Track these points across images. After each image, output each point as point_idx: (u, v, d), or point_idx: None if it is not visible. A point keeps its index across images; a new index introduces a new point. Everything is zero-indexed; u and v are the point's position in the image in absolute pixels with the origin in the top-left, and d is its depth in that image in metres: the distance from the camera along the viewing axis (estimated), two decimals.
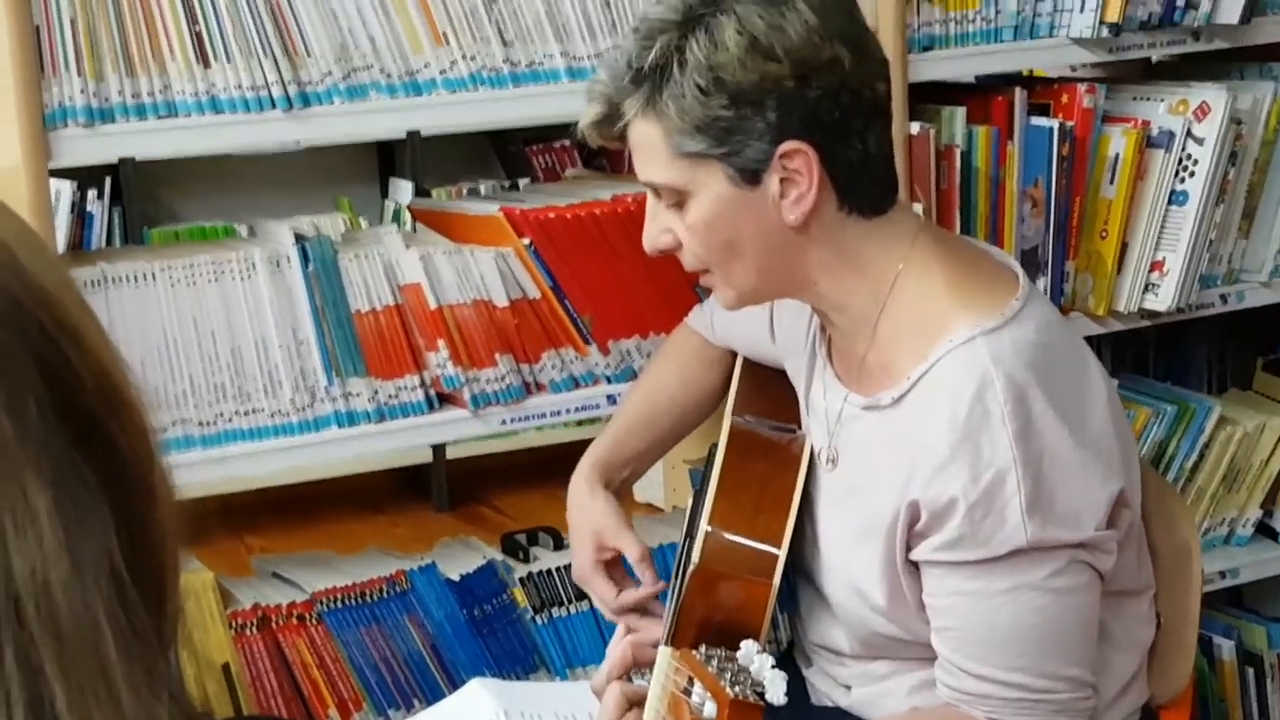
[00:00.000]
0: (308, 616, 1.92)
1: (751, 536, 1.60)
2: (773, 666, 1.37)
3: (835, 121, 1.49)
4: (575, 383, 1.99)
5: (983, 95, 2.25)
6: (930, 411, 1.51)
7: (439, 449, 3.92)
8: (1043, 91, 2.29)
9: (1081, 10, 2.23)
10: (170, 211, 3.85)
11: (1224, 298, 2.41)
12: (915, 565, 1.54)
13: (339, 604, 1.93)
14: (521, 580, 2.05)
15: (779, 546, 1.59)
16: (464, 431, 1.94)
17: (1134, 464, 1.61)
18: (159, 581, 0.74)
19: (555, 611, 2.06)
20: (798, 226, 1.52)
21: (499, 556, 2.07)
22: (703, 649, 1.45)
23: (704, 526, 1.62)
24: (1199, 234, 2.29)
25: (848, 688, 1.68)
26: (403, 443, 1.92)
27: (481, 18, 1.84)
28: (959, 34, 2.18)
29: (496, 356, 1.92)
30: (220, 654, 1.84)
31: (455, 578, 2.00)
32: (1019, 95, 2.22)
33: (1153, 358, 2.78)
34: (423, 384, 1.90)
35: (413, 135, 3.62)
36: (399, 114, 1.82)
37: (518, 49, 1.87)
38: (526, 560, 2.09)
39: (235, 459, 1.82)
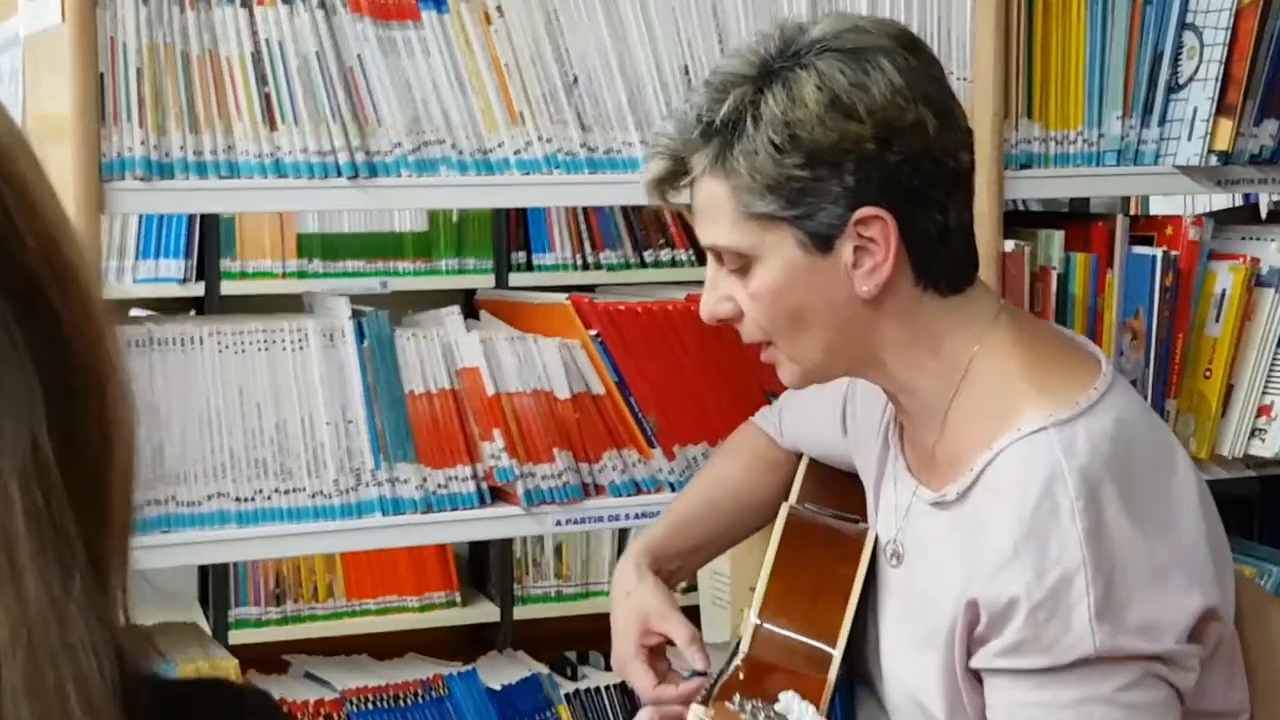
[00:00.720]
0: (335, 717, 1.79)
1: (805, 631, 1.46)
2: (815, 714, 1.21)
3: (916, 190, 1.39)
4: (637, 487, 1.87)
5: (1082, 222, 2.14)
6: (994, 505, 1.38)
7: (507, 608, 3.83)
8: (1146, 224, 2.17)
9: (1189, 138, 2.12)
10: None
11: None
12: (977, 676, 1.39)
13: (370, 705, 1.79)
14: (568, 697, 1.90)
15: (834, 643, 1.45)
16: (515, 529, 1.83)
17: (1228, 575, 1.45)
18: (101, 491, 0.67)
19: None
20: (870, 300, 1.41)
21: (545, 671, 1.93)
22: (737, 698, 1.31)
23: (753, 619, 1.48)
24: None
25: None
26: (450, 536, 1.83)
27: (561, 100, 1.77)
28: (1059, 154, 2.08)
29: (555, 452, 1.81)
30: None
31: (496, 687, 1.86)
32: (1120, 222, 2.11)
33: (1258, 522, 2.60)
34: (475, 476, 1.79)
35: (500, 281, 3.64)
36: (468, 191, 1.74)
37: (596, 134, 1.79)
38: (575, 678, 1.95)
39: (272, 539, 1.71)
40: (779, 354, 1.46)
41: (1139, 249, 2.12)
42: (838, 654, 1.45)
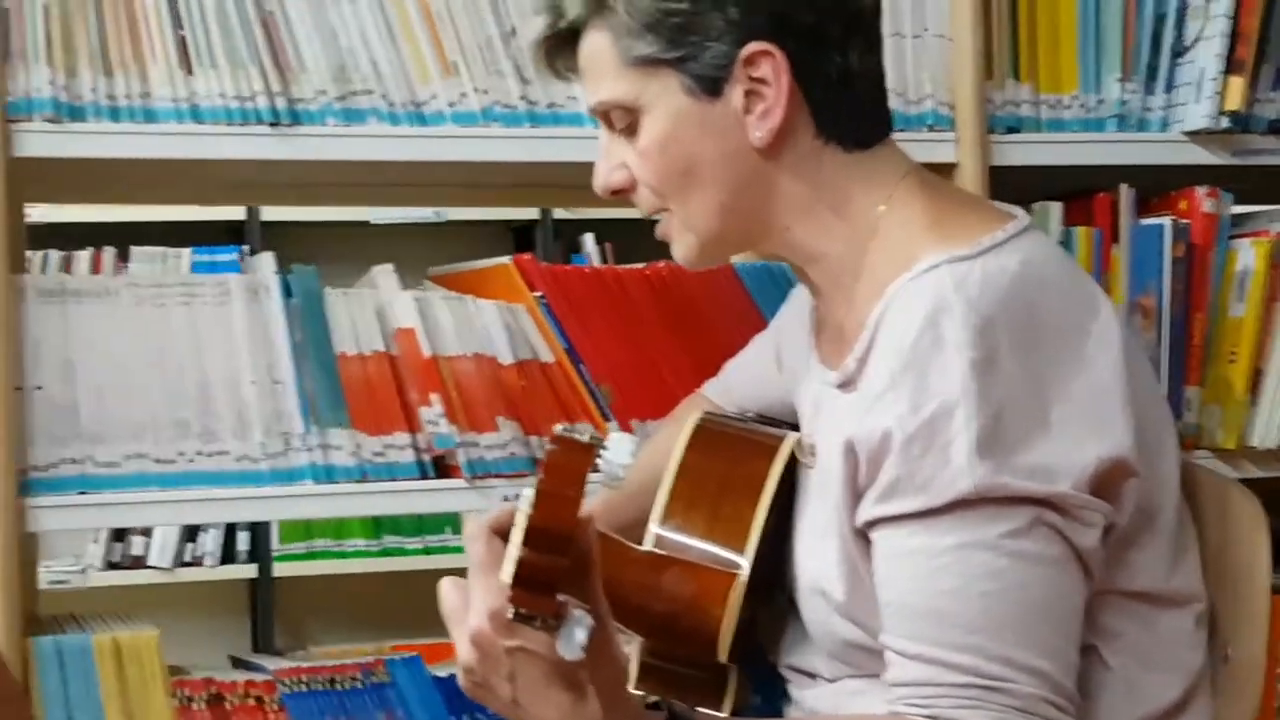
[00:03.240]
0: (267, 699, 1.64)
1: (711, 536, 1.28)
2: (635, 441, 1.04)
3: (809, 27, 1.24)
4: None
5: (1084, 197, 1.96)
6: (878, 347, 1.20)
7: None
8: (1158, 203, 1.98)
9: (1198, 100, 1.93)
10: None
11: None
12: (868, 540, 1.20)
13: (304, 687, 1.65)
14: None
15: (744, 545, 1.26)
16: (458, 503, 1.67)
17: (1162, 440, 1.24)
18: None
19: None
20: (765, 150, 1.25)
21: None
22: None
23: (654, 528, 1.30)
24: None
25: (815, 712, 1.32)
26: (388, 508, 1.67)
27: (498, 51, 1.65)
28: (1051, 119, 1.90)
29: (498, 421, 1.66)
30: None
31: (443, 674, 1.70)
32: (1124, 192, 1.91)
33: None
34: (414, 446, 1.65)
35: (545, 215, 3.48)
36: (400, 143, 1.62)
37: (537, 87, 1.67)
38: None
39: (196, 503, 1.59)
40: (673, 221, 1.31)
41: (1146, 221, 1.93)
42: (749, 552, 1.26)
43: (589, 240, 3.94)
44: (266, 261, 1.62)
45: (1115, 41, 1.91)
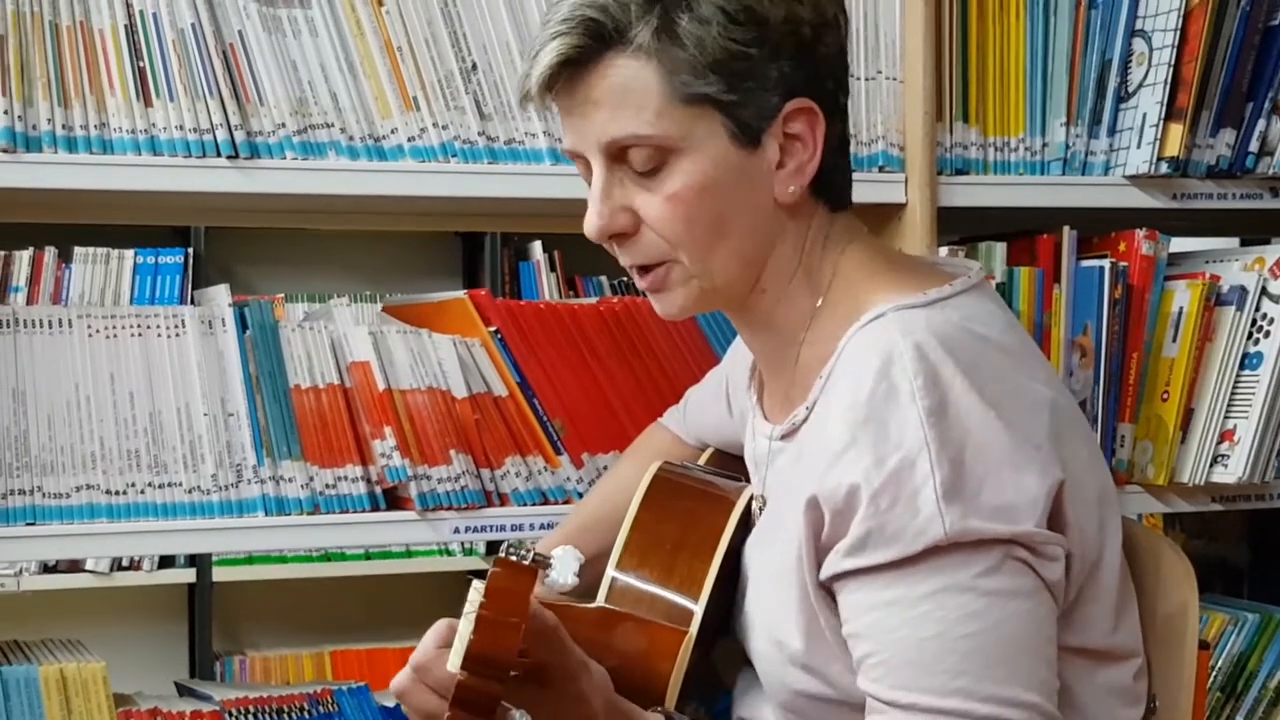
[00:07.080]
0: None
1: (666, 584, 1.29)
2: (578, 559, 1.04)
3: (830, 91, 1.26)
4: (543, 496, 1.72)
5: (1027, 237, 1.99)
6: (832, 399, 1.21)
7: None
8: (1099, 243, 2.02)
9: (1139, 145, 1.96)
10: (245, 283, 3.61)
11: None
12: (831, 595, 1.21)
13: (252, 718, 1.64)
14: None
15: (697, 596, 1.27)
16: (410, 536, 1.67)
17: (1111, 506, 1.27)
18: None
19: None
20: (786, 206, 1.25)
21: None
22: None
23: (610, 571, 1.31)
24: (1275, 400, 1.95)
25: None
26: (339, 540, 1.66)
27: (458, 86, 1.65)
28: (999, 161, 1.93)
29: (452, 454, 1.66)
30: None
31: (390, 704, 1.70)
32: (1067, 234, 1.95)
33: (1248, 585, 2.40)
34: (367, 478, 1.64)
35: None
36: (358, 176, 1.61)
37: (496, 124, 1.66)
38: None
39: (146, 535, 1.57)
40: (674, 271, 1.26)
41: (1087, 262, 1.96)
42: (699, 607, 1.27)
43: (537, 248, 3.92)
44: (221, 294, 1.61)
45: (1061, 86, 1.94)
